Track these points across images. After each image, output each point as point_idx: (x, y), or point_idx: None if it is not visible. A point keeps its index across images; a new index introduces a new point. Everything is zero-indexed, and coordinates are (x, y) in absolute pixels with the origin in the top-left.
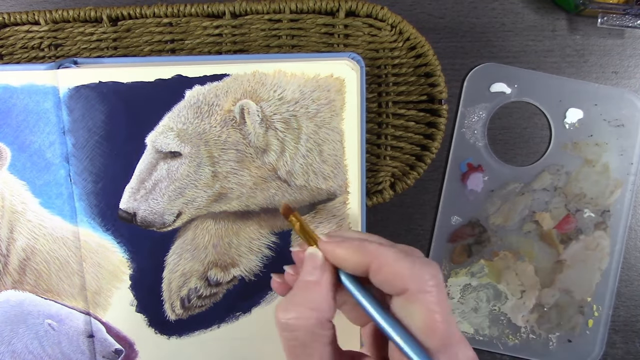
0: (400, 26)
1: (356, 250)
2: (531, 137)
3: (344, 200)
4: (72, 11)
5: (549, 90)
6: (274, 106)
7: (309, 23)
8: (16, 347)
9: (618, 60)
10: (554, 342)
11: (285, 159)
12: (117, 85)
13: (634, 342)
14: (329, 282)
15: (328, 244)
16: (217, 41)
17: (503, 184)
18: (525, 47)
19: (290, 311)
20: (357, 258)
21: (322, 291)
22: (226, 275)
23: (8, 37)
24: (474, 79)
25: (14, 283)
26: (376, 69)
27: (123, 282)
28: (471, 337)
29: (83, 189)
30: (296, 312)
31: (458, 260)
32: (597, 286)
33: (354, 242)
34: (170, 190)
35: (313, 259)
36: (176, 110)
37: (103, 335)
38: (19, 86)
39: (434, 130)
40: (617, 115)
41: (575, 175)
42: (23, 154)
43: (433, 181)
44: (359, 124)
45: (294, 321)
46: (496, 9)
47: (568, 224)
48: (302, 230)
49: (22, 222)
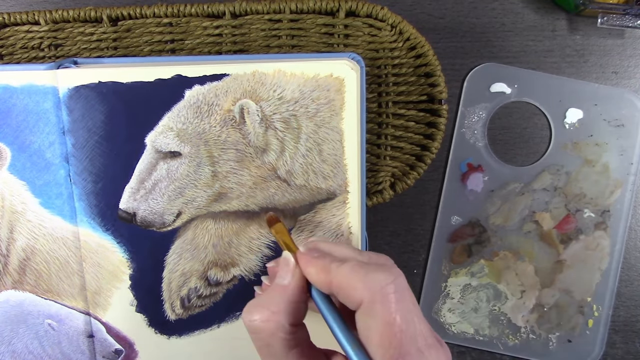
0: (400, 26)
1: (321, 271)
2: (531, 137)
3: (344, 199)
4: (72, 11)
5: (549, 90)
6: (273, 106)
7: (309, 23)
8: (16, 347)
9: (618, 60)
10: (554, 342)
11: (285, 158)
12: (117, 85)
13: (634, 342)
14: (297, 287)
15: (302, 257)
16: (217, 41)
17: (503, 184)
18: (525, 47)
19: (253, 313)
20: (322, 278)
21: (288, 295)
22: (226, 274)
23: (8, 37)
24: (474, 79)
25: (14, 283)
26: (376, 69)
27: (123, 282)
28: (471, 337)
29: (83, 189)
30: (259, 314)
31: (458, 260)
32: (597, 286)
33: (323, 262)
34: (170, 190)
35: (286, 264)
36: (176, 110)
37: (103, 335)
38: (19, 86)
39: (434, 130)
40: (617, 115)
41: (575, 175)
42: (23, 154)
43: (433, 181)
44: (358, 123)
45: (257, 323)
46: (496, 9)
47: (568, 224)
48: (283, 242)
49: (22, 222)
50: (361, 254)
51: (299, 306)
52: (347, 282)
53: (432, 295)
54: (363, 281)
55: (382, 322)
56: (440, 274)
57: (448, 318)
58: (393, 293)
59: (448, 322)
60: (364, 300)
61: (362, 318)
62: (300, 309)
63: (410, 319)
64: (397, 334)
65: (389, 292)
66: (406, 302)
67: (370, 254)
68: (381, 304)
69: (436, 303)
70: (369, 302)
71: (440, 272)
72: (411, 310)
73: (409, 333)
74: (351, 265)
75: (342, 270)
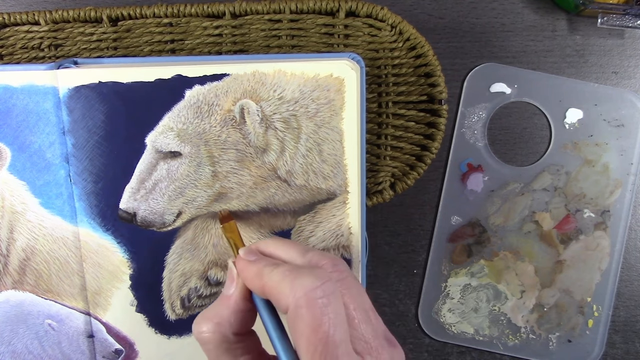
0: (400, 26)
1: (255, 276)
2: (531, 137)
3: (344, 200)
4: (72, 11)
5: (549, 90)
6: (273, 106)
7: (309, 23)
8: (16, 347)
9: (618, 60)
10: (554, 342)
11: (285, 158)
12: (117, 86)
13: (634, 342)
14: (239, 297)
15: (239, 261)
16: (217, 41)
17: (503, 184)
18: (525, 47)
19: (200, 324)
20: (256, 283)
21: (230, 305)
22: (226, 274)
23: (8, 37)
24: (474, 79)
25: (14, 283)
26: (376, 69)
27: (123, 282)
28: (471, 337)
29: (83, 189)
30: (205, 326)
31: (458, 260)
32: (597, 286)
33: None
34: (170, 190)
35: (230, 273)
36: (176, 110)
37: (103, 336)
38: (19, 86)
39: (434, 131)
40: (617, 115)
41: (575, 175)
42: (23, 154)
43: (433, 181)
44: (358, 123)
45: (204, 335)
46: (496, 9)
47: (568, 224)
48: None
49: (22, 222)
50: (303, 255)
51: (244, 315)
52: (276, 287)
53: (432, 296)
54: (290, 286)
55: (307, 328)
56: (440, 274)
57: (448, 318)
58: (320, 298)
59: (448, 322)
60: (289, 306)
61: (290, 324)
62: (245, 318)
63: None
64: (323, 339)
65: (315, 297)
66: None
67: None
68: (306, 308)
69: (436, 303)
70: (294, 307)
71: (440, 272)
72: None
73: (336, 338)
74: (282, 270)
75: (273, 275)
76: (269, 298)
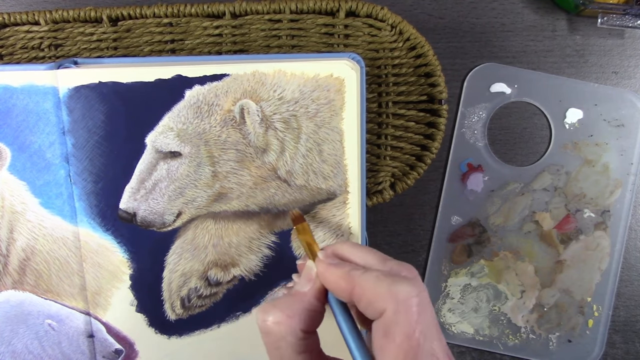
0: (400, 26)
1: (342, 278)
2: (531, 137)
3: (344, 199)
4: (72, 11)
5: (549, 90)
6: (273, 106)
7: (309, 23)
8: (16, 347)
9: (618, 60)
10: (554, 342)
11: (285, 158)
12: (117, 86)
13: (634, 342)
14: (315, 296)
15: (320, 264)
16: (217, 41)
17: (503, 184)
18: (525, 47)
19: (269, 314)
20: (342, 286)
21: (305, 302)
22: (226, 275)
23: (8, 37)
24: (474, 79)
25: (14, 283)
26: (376, 69)
27: (123, 282)
28: (471, 337)
29: (83, 189)
30: (273, 316)
31: (458, 260)
32: (597, 286)
33: (343, 270)
34: (170, 190)
35: (308, 272)
36: (176, 110)
37: (103, 335)
38: (19, 86)
39: (434, 131)
40: (617, 115)
41: (575, 175)
42: (23, 154)
43: (433, 181)
44: (358, 123)
45: (269, 324)
46: (496, 9)
47: (568, 224)
48: (306, 242)
49: (22, 222)
50: (384, 263)
51: (315, 314)
52: (371, 291)
53: (432, 296)
54: (388, 290)
55: (401, 334)
56: (440, 274)
57: (448, 318)
58: (416, 306)
59: (448, 322)
60: (387, 310)
61: (381, 328)
62: (315, 317)
63: (429, 335)
64: (414, 348)
65: (412, 305)
66: (427, 317)
67: (393, 264)
68: (404, 315)
69: (436, 303)
70: (392, 312)
71: (440, 272)
72: (430, 327)
73: (425, 348)
74: (375, 275)
75: (366, 278)
76: (357, 300)
